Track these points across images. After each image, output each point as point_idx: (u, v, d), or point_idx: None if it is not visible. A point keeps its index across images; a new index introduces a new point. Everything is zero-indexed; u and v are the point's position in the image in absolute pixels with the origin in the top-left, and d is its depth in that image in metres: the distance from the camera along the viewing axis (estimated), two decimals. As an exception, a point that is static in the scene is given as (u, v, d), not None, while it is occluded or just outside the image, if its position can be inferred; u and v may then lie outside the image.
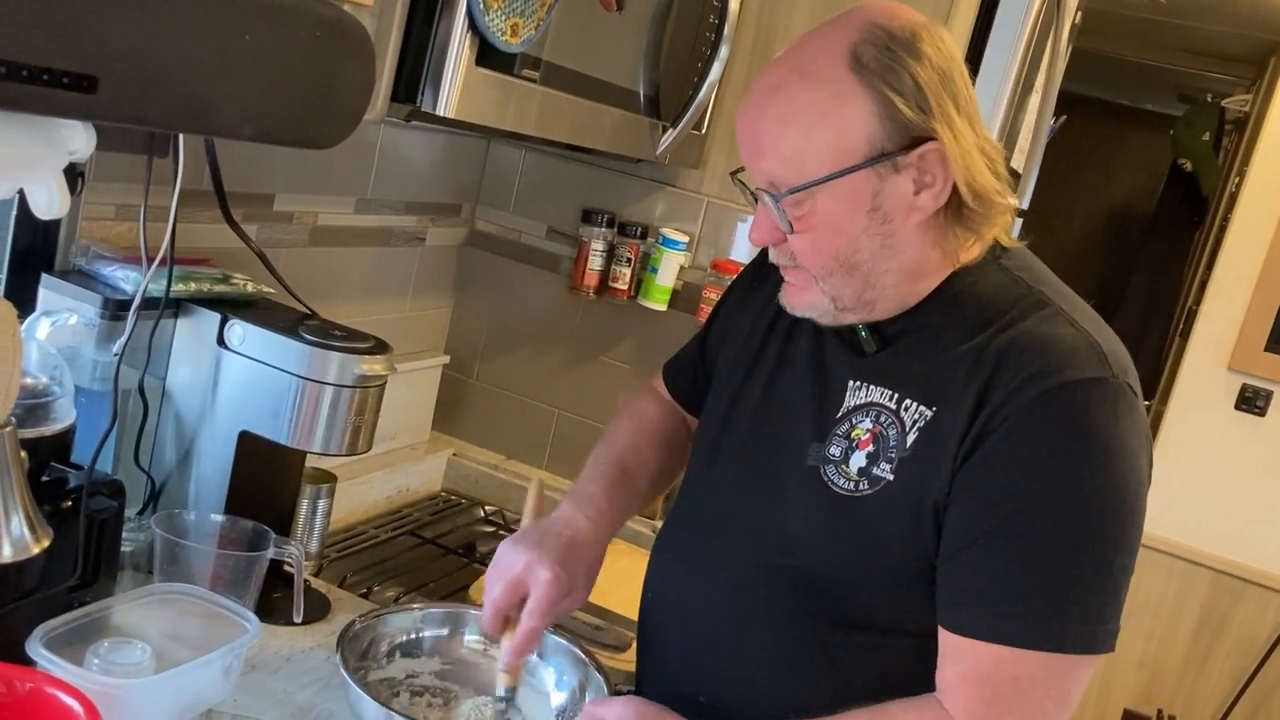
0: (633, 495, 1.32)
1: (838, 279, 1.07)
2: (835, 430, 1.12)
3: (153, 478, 1.44)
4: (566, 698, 1.30)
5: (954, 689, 1.03)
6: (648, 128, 1.66)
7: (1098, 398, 1.00)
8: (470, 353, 2.25)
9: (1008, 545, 1.00)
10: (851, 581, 1.09)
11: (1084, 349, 1.03)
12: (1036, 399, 1.00)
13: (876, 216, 1.04)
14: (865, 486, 1.08)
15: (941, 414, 1.05)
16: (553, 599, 1.15)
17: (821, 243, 1.06)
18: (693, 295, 2.05)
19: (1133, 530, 1.02)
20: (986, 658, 1.01)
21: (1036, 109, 2.11)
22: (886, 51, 1.01)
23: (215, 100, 0.93)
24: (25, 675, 1.00)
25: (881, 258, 1.06)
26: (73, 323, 1.31)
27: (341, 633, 1.24)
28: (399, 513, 2.04)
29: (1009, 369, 1.02)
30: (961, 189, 1.03)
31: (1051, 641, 0.99)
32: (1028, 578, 1.00)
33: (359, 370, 1.35)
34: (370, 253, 1.96)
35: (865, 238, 1.05)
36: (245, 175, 1.61)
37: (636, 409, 1.43)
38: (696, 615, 1.19)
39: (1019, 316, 1.06)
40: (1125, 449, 1.01)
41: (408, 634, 1.34)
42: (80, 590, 1.20)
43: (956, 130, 1.02)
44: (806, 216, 1.05)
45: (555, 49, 1.37)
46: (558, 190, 2.15)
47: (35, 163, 0.96)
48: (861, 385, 1.12)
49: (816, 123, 1.02)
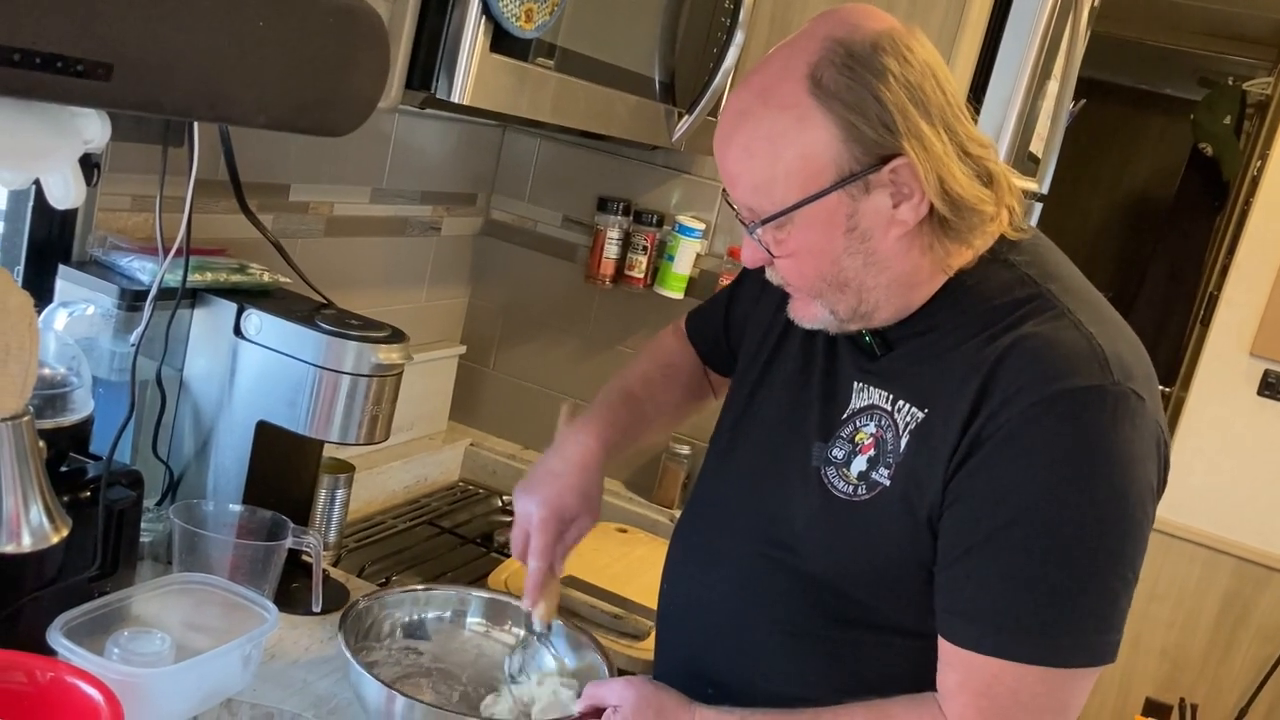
0: (639, 419, 1.35)
1: (829, 296, 1.07)
2: (840, 432, 1.11)
3: (171, 468, 1.45)
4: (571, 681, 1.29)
5: (953, 697, 1.02)
6: (663, 114, 1.65)
7: (1097, 405, 0.98)
8: (486, 342, 2.25)
9: (1001, 557, 0.99)
10: (852, 583, 1.09)
11: (1084, 354, 1.00)
12: (1032, 408, 0.98)
13: (855, 235, 1.03)
14: (864, 491, 1.07)
15: (933, 416, 1.04)
16: (548, 539, 1.22)
17: (804, 266, 1.06)
18: (709, 283, 2.04)
19: (1134, 540, 1.00)
20: (985, 670, 0.99)
21: (1055, 95, 2.09)
22: (846, 71, 0.99)
23: (230, 88, 0.93)
24: (46, 665, 1.00)
25: (868, 274, 1.04)
26: (90, 313, 1.31)
27: (344, 613, 1.26)
28: (417, 502, 2.05)
29: (1005, 375, 1.00)
30: (936, 203, 1.00)
31: (1048, 656, 0.98)
32: (1023, 591, 0.98)
33: (376, 359, 1.35)
34: (386, 243, 1.96)
35: (847, 257, 1.04)
36: (261, 165, 1.61)
37: (657, 344, 1.46)
38: (705, 606, 1.20)
39: (1021, 319, 1.04)
40: (1124, 458, 0.98)
41: (410, 615, 1.36)
42: (100, 580, 1.21)
43: (926, 142, 0.99)
44: (786, 241, 1.05)
45: (570, 34, 1.36)
46: (573, 178, 2.14)
47: (51, 152, 0.96)
48: (865, 387, 1.11)
49: (781, 152, 1.01)
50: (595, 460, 1.27)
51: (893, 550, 1.05)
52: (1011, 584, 0.98)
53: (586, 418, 1.31)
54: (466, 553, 1.87)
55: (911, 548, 1.04)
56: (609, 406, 1.34)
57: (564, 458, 1.26)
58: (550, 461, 1.27)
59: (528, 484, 1.25)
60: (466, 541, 1.91)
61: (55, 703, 0.97)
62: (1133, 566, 1.00)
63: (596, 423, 1.30)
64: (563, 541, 1.25)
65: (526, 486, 1.25)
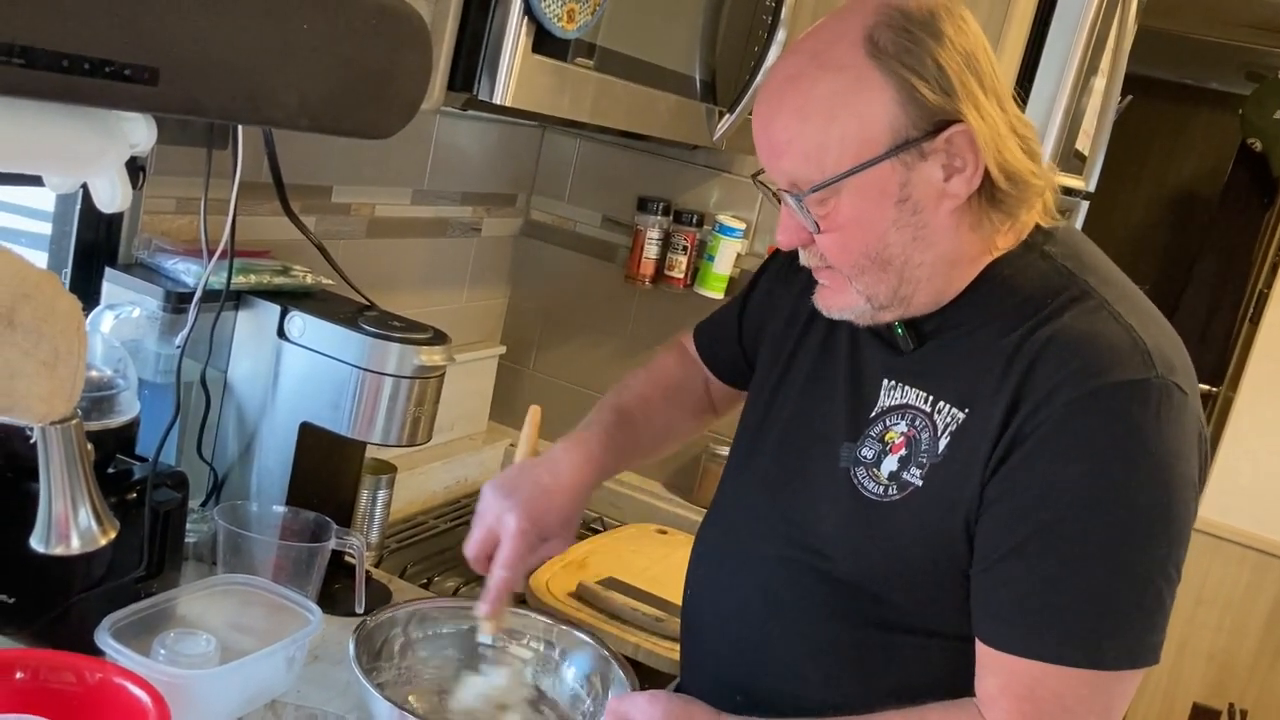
0: (632, 443, 1.31)
1: (871, 276, 1.03)
2: (869, 431, 1.08)
3: (215, 469, 1.46)
4: (590, 695, 1.28)
5: (994, 702, 1.00)
6: (704, 113, 1.64)
7: (1140, 400, 0.95)
8: (526, 343, 2.25)
9: (1043, 559, 0.96)
10: (884, 585, 1.06)
11: (1126, 347, 0.97)
12: (1073, 403, 0.95)
13: (906, 207, 0.99)
14: (895, 492, 1.04)
15: (974, 417, 1.01)
16: (519, 551, 1.16)
17: (850, 240, 1.02)
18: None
19: (1178, 538, 0.97)
20: (1026, 673, 0.97)
21: (1102, 91, 2.05)
22: (904, 33, 0.96)
23: (274, 91, 0.93)
24: (95, 666, 1.01)
25: (915, 250, 1.01)
26: (136, 316, 1.32)
27: (355, 630, 1.21)
28: (458, 503, 2.05)
29: (1044, 370, 0.97)
30: (993, 171, 0.98)
31: (1090, 659, 0.95)
32: (1064, 593, 0.96)
33: (418, 361, 1.35)
34: (427, 244, 1.96)
35: (895, 230, 1.00)
36: (303, 167, 1.62)
37: (656, 363, 1.41)
38: (731, 612, 1.17)
39: (1058, 310, 1.01)
40: (1169, 454, 0.95)
41: (422, 631, 1.31)
42: (146, 581, 1.22)
43: (984, 111, 0.97)
44: (832, 214, 1.01)
45: (610, 34, 1.36)
46: (613, 179, 2.14)
47: (98, 156, 0.97)
48: (896, 385, 1.08)
49: (836, 114, 0.98)
50: (587, 486, 1.23)
51: (925, 552, 1.03)
52: (1053, 585, 0.96)
53: (582, 436, 1.26)
54: (507, 553, 1.87)
55: (946, 550, 1.02)
56: (605, 429, 1.28)
57: (555, 474, 1.21)
58: (537, 472, 1.21)
59: (507, 486, 1.19)
60: (507, 542, 1.90)
61: (103, 703, 0.98)
62: (1177, 565, 0.98)
63: (593, 444, 1.25)
64: (531, 558, 1.19)
65: (506, 489, 1.18)
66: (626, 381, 1.38)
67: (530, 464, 1.23)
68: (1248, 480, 2.96)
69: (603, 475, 1.26)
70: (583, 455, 1.23)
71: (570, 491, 1.21)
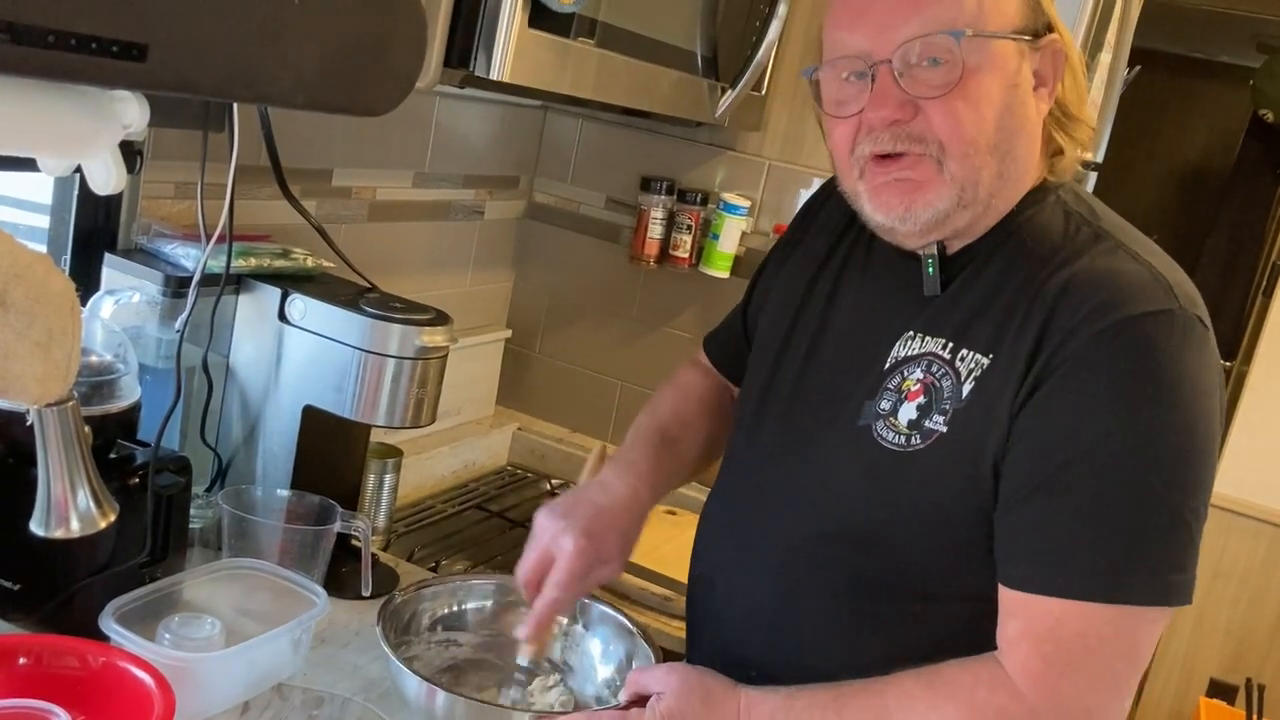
0: (679, 462, 1.28)
1: (976, 160, 1.00)
2: (886, 384, 1.07)
3: (219, 454, 1.45)
4: (614, 668, 1.27)
5: (1014, 646, 0.97)
6: (706, 89, 1.62)
7: (1165, 331, 0.94)
8: (532, 326, 2.24)
9: (1070, 494, 0.94)
10: (903, 545, 1.04)
11: (1148, 281, 0.97)
12: (1097, 336, 0.94)
13: (1018, 94, 1.02)
14: (918, 440, 1.02)
15: (998, 361, 1.00)
16: (575, 571, 1.12)
17: (969, 111, 0.99)
18: (755, 261, 1.98)
19: (1207, 471, 0.96)
20: (1048, 613, 0.95)
21: (1108, 66, 2.03)
22: None
23: (266, 67, 0.92)
24: (98, 650, 1.01)
25: (1016, 142, 1.03)
26: (135, 301, 1.31)
27: (382, 606, 1.21)
28: (465, 487, 2.04)
29: (1067, 307, 0.97)
30: (1064, 94, 1.03)
31: (1119, 593, 0.93)
32: (1092, 527, 0.94)
33: (420, 342, 1.34)
34: (429, 227, 1.95)
35: (1007, 114, 1.01)
36: (303, 151, 1.61)
37: (678, 379, 1.39)
38: (743, 591, 1.15)
39: (1077, 252, 1.01)
40: (1196, 386, 0.94)
41: (450, 607, 1.31)
42: (150, 566, 1.21)
43: (1065, 34, 1.02)
44: (963, 81, 0.98)
45: (610, 8, 1.34)
46: (616, 159, 2.12)
47: (90, 137, 0.96)
48: (915, 335, 1.07)
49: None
50: (643, 504, 1.20)
51: (950, 500, 1.01)
52: (1078, 521, 0.94)
53: (630, 458, 1.23)
54: (516, 536, 1.86)
55: (974, 496, 0.99)
56: (652, 448, 1.25)
57: (610, 495, 1.17)
58: (592, 493, 1.18)
59: (563, 509, 1.15)
60: (515, 525, 1.90)
61: (108, 687, 0.98)
62: (1204, 500, 0.96)
63: (642, 465, 1.22)
64: (585, 581, 1.14)
65: (562, 511, 1.15)
66: (655, 402, 1.34)
67: (583, 488, 1.21)
68: (1262, 454, 2.94)
69: (656, 494, 1.22)
70: (634, 476, 1.20)
71: (627, 510, 1.17)
